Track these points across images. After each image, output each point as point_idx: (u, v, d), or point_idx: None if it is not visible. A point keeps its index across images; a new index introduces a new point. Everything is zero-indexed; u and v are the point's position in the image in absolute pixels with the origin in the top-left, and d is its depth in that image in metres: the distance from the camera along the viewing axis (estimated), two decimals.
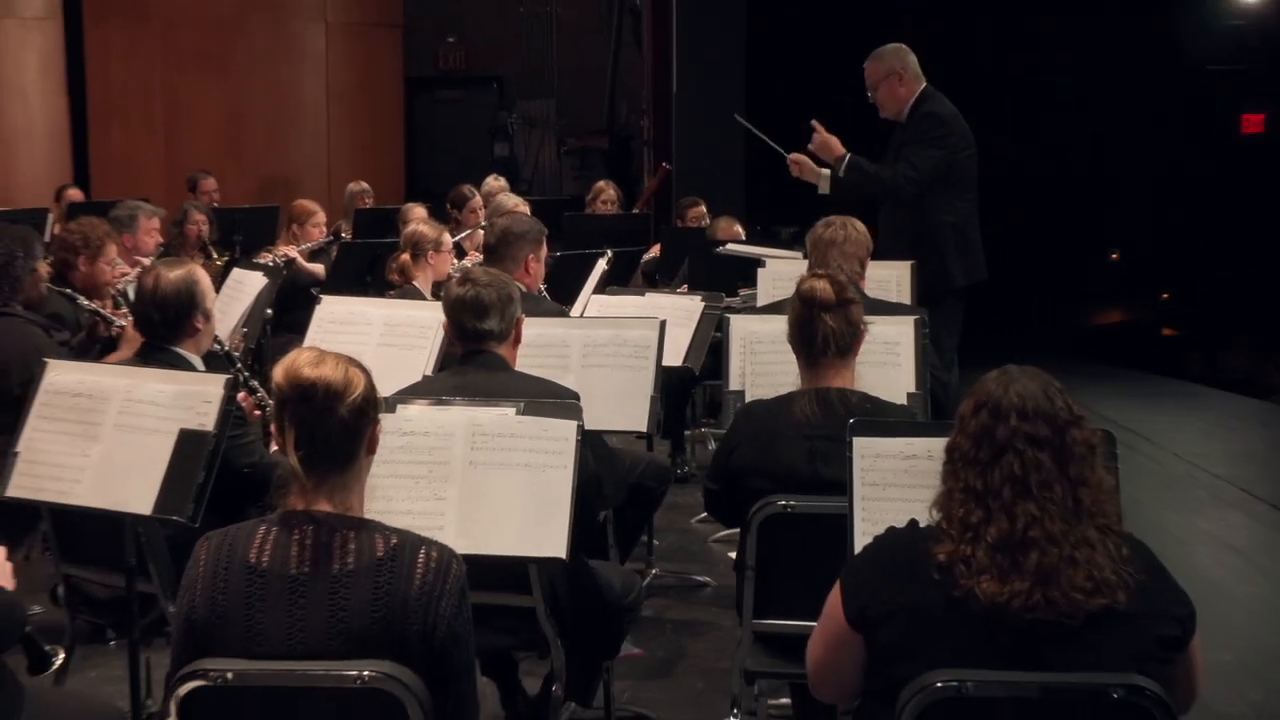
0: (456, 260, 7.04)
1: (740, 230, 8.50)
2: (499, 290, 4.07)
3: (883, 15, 7.77)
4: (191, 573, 2.70)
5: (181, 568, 2.75)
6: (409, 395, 3.85)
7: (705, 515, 6.65)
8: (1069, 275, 14.71)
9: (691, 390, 7.58)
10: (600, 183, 10.67)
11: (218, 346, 4.76)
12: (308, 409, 2.67)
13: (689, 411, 7.86)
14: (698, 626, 5.60)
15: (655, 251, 8.74)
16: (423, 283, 6.43)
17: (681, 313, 5.94)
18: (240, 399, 4.28)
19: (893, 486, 3.34)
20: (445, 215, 8.88)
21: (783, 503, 3.76)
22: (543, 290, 5.85)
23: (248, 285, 6.50)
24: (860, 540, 3.24)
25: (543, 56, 16.50)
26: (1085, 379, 10.19)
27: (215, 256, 8.36)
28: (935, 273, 6.34)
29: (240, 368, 4.95)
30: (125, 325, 5.34)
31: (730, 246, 7.52)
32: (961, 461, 2.65)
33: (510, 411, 3.70)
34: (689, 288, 7.45)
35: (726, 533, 6.27)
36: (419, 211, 8.14)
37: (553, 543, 3.59)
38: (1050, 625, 2.53)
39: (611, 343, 4.89)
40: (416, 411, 3.70)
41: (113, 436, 3.86)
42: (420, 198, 10.43)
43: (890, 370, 4.63)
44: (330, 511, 2.69)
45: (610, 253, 6.92)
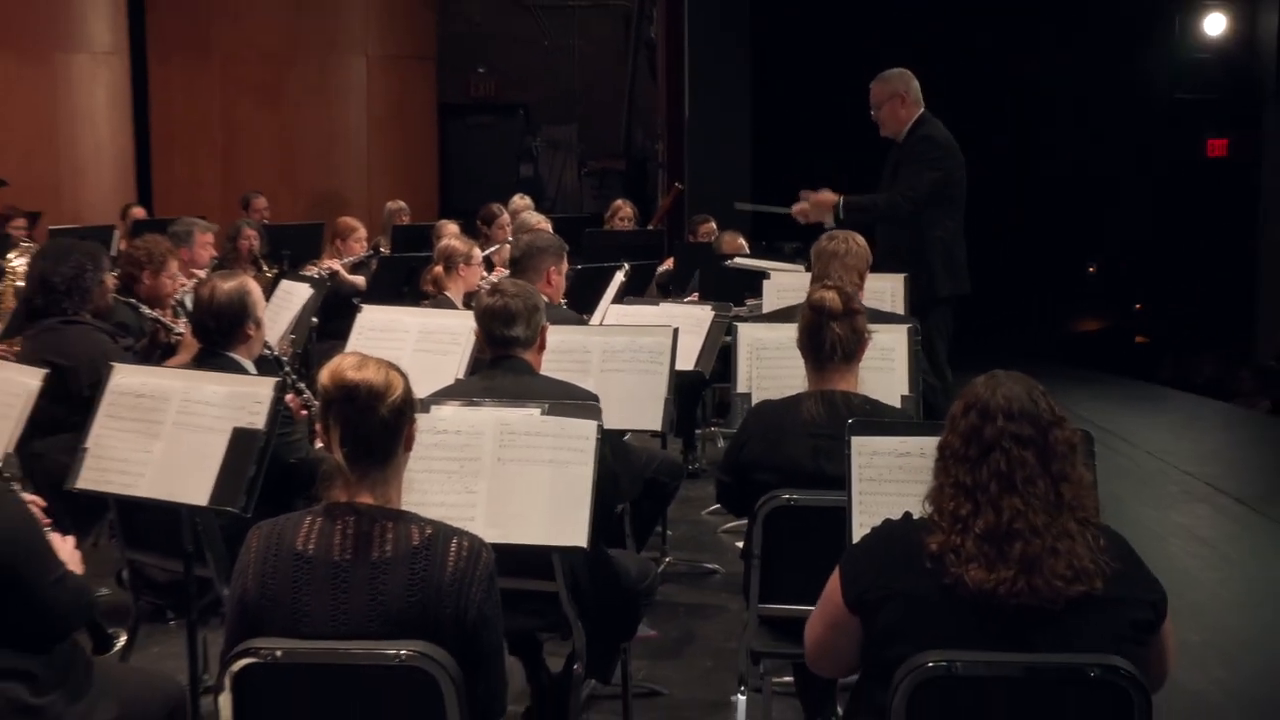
0: (485, 272, 7.03)
1: (743, 242, 8.47)
2: (525, 300, 4.06)
3: (876, 53, 7.75)
4: (244, 559, 2.70)
5: (235, 554, 2.75)
6: (443, 397, 3.84)
7: (715, 508, 6.66)
8: (1051, 287, 14.76)
9: (702, 392, 7.56)
10: (618, 201, 10.68)
11: (268, 351, 4.75)
12: (351, 409, 2.66)
13: (700, 412, 7.84)
14: (708, 610, 5.60)
15: (669, 265, 8.72)
16: (455, 293, 6.43)
17: (693, 321, 5.93)
18: (288, 400, 4.28)
19: (888, 482, 3.32)
20: (475, 231, 8.88)
21: (786, 496, 3.75)
22: (563, 302, 5.85)
23: (295, 295, 6.51)
24: (858, 531, 3.23)
25: (565, 86, 16.51)
26: (1066, 383, 10.17)
27: (265, 269, 8.37)
28: (924, 285, 6.35)
29: (288, 371, 4.95)
30: (184, 332, 5.34)
31: (738, 260, 7.51)
32: (952, 458, 2.64)
33: (536, 412, 3.69)
34: (700, 298, 7.43)
35: (734, 524, 6.26)
36: (451, 228, 8.14)
37: (574, 533, 3.59)
38: (1033, 610, 2.52)
39: (628, 349, 4.87)
40: (449, 412, 3.69)
41: (172, 434, 3.86)
42: (452, 215, 10.43)
43: (885, 375, 4.61)
44: (371, 503, 2.68)
45: (627, 266, 6.91)
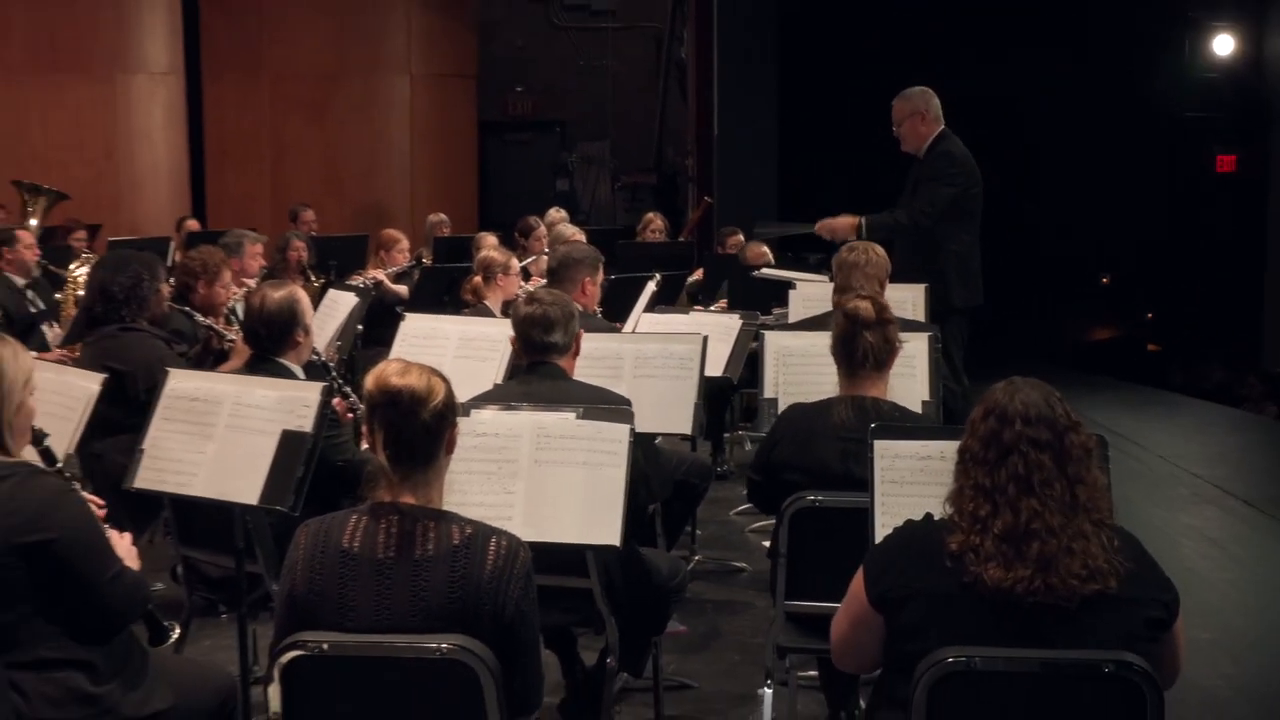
0: (523, 282, 7.04)
1: (767, 252, 8.47)
2: (561, 309, 4.06)
3: (897, 72, 7.73)
4: (292, 555, 2.71)
5: (284, 551, 2.76)
6: (482, 401, 3.84)
7: (743, 508, 6.65)
8: (1066, 297, 14.72)
9: (730, 397, 7.55)
10: (649, 214, 10.68)
11: (315, 357, 4.77)
12: (395, 413, 2.67)
13: (728, 416, 7.82)
14: (735, 607, 5.58)
15: (698, 275, 8.72)
16: (493, 302, 6.43)
17: (722, 329, 5.92)
18: (335, 404, 4.29)
19: (909, 484, 3.30)
20: (513, 243, 8.89)
21: (811, 497, 3.74)
22: (597, 310, 5.84)
23: (341, 304, 6.54)
24: (880, 532, 3.21)
25: (600, 104, 16.54)
26: (1081, 389, 10.09)
27: (313, 279, 8.39)
28: (940, 296, 6.33)
29: (335, 376, 4.96)
30: (235, 339, 5.37)
31: (765, 271, 7.51)
32: (971, 461, 2.62)
33: (571, 416, 3.69)
34: (728, 307, 7.42)
35: (762, 523, 6.24)
36: (490, 239, 8.15)
37: (608, 532, 3.58)
38: (1049, 608, 2.51)
39: (660, 355, 4.86)
40: (488, 415, 3.69)
41: (224, 436, 3.87)
42: (491, 227, 10.47)
43: (907, 380, 4.58)
44: (413, 503, 2.69)
45: (658, 276, 6.90)
